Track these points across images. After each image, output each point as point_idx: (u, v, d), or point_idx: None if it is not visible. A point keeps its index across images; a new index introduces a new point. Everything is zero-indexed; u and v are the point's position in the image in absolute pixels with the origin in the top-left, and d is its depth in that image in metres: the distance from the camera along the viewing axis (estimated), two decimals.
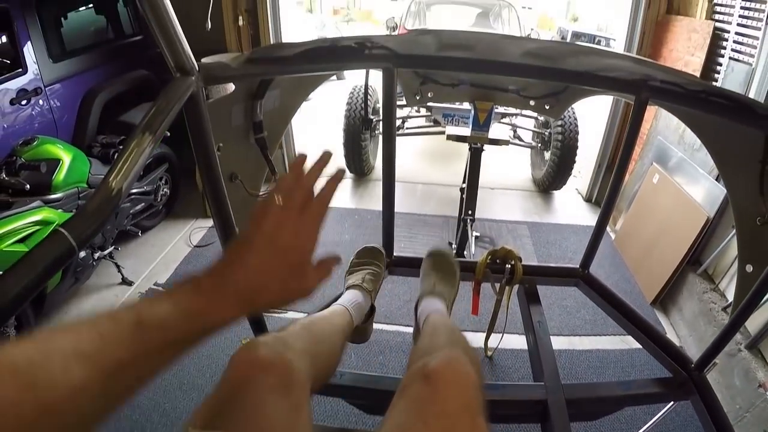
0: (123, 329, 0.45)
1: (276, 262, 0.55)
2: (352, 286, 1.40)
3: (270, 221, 0.56)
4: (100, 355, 0.42)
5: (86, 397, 0.41)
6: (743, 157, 1.30)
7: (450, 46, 1.28)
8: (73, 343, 0.42)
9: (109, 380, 0.43)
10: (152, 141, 0.76)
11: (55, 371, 0.39)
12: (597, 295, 1.70)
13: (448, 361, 0.75)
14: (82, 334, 0.43)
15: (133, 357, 0.45)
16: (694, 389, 1.43)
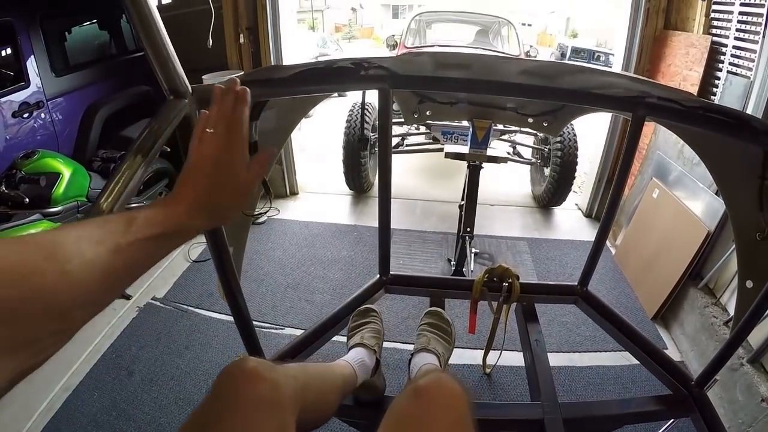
0: (119, 224, 0.55)
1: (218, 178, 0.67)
2: (355, 345, 1.40)
3: (206, 147, 0.68)
4: (103, 240, 0.51)
5: (95, 271, 0.49)
6: (742, 172, 1.30)
7: (446, 66, 1.28)
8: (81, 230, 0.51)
9: (111, 260, 0.51)
10: (144, 163, 0.76)
11: (71, 247, 0.48)
12: (596, 313, 1.69)
13: (437, 379, 0.76)
14: (86, 226, 0.53)
15: (128, 244, 0.54)
16: (694, 406, 1.42)
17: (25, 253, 0.44)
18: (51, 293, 0.44)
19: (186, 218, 0.62)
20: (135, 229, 0.55)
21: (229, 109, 0.70)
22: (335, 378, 1.16)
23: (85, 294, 0.48)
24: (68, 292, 0.45)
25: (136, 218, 0.56)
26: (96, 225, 0.54)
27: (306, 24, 25.61)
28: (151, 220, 0.57)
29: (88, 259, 0.48)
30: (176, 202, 0.63)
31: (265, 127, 1.17)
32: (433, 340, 1.45)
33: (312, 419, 0.93)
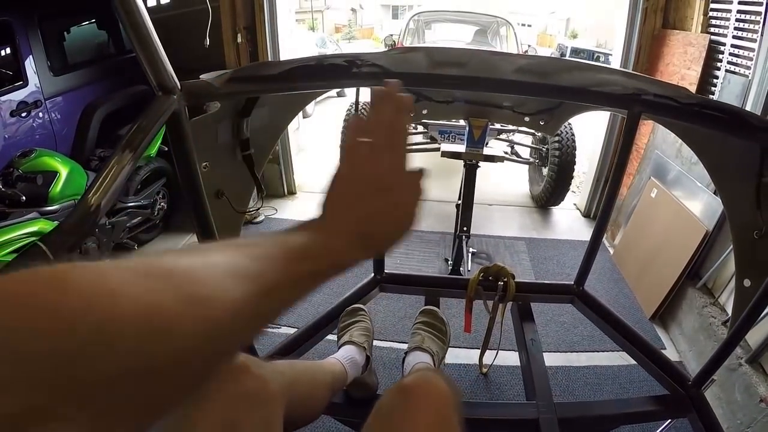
0: (273, 254, 0.45)
1: (383, 206, 0.55)
2: (344, 343, 1.40)
3: (365, 163, 0.55)
4: (257, 276, 0.41)
5: (242, 317, 0.39)
6: (739, 170, 1.29)
7: (441, 64, 1.27)
8: (228, 262, 0.40)
9: (263, 301, 0.41)
10: (132, 159, 0.75)
11: (215, 287, 0.37)
12: (592, 313, 1.68)
13: (423, 377, 0.76)
14: (235, 255, 0.42)
15: (284, 281, 0.44)
16: (691, 407, 1.41)
17: (160, 293, 0.32)
18: (188, 345, 0.33)
19: (346, 254, 0.52)
20: (294, 265, 0.46)
21: (390, 116, 0.58)
22: (324, 375, 1.15)
23: (226, 346, 0.39)
24: (209, 345, 0.35)
25: (292, 249, 0.47)
26: (247, 256, 0.43)
27: (306, 24, 25.63)
28: (310, 252, 0.48)
29: (236, 302, 0.38)
30: (334, 232, 0.52)
31: (256, 124, 1.16)
32: (427, 339, 1.44)
33: (301, 415, 0.93)
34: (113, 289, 0.30)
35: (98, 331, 0.27)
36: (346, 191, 0.55)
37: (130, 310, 0.29)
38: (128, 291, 0.30)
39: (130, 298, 0.30)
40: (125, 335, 0.29)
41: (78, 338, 0.27)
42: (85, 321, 0.27)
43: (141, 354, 0.29)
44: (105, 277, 0.31)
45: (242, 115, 1.10)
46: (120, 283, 0.31)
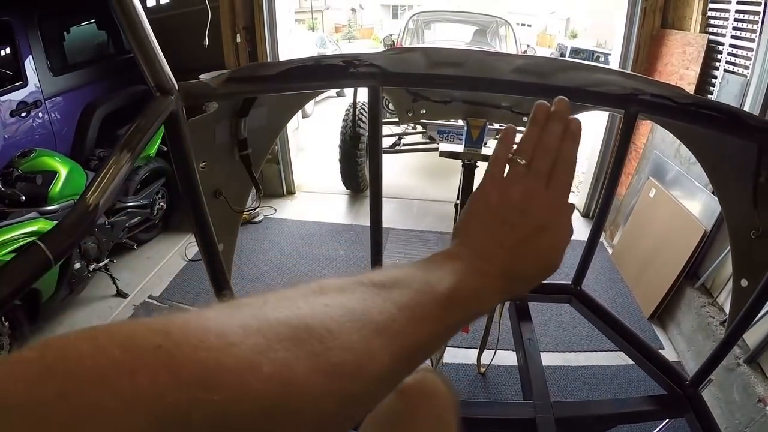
0: (423, 303, 0.36)
1: (533, 243, 0.46)
2: None
3: (518, 191, 0.47)
4: (404, 332, 0.33)
5: (388, 383, 0.33)
6: (736, 169, 1.29)
7: (438, 64, 1.28)
8: (365, 312, 0.32)
9: (409, 365, 0.35)
10: (130, 158, 0.76)
11: (361, 352, 0.30)
12: (590, 312, 1.68)
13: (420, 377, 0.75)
14: (378, 301, 0.33)
15: (431, 337, 0.36)
16: (689, 407, 1.41)
17: (294, 363, 0.26)
18: (324, 420, 0.28)
19: (489, 298, 0.43)
20: (445, 315, 0.37)
21: (555, 140, 0.49)
22: None
23: (364, 411, 0.33)
24: (345, 415, 0.30)
25: (442, 294, 0.38)
26: (390, 301, 0.34)
27: (305, 24, 25.63)
28: (460, 298, 0.39)
29: (383, 370, 0.31)
30: (482, 271, 0.43)
31: (254, 124, 1.16)
32: None
33: None
34: (244, 366, 0.25)
35: (222, 416, 0.23)
36: (490, 218, 0.47)
37: (259, 391, 0.25)
38: (258, 368, 0.25)
39: (258, 375, 0.25)
40: (252, 420, 0.24)
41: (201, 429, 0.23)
42: (210, 403, 0.23)
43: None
44: (223, 339, 0.25)
45: (240, 115, 1.10)
46: (251, 356, 0.25)
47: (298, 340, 0.27)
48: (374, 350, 0.30)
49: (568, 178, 0.48)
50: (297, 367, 0.26)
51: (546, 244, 0.47)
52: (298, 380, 0.26)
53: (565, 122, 0.49)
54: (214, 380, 0.23)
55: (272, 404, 0.25)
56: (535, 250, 0.46)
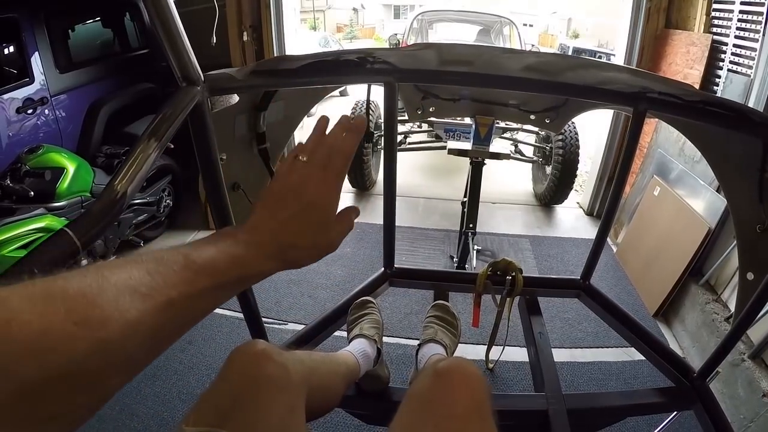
0: (173, 269, 0.45)
1: (303, 216, 0.56)
2: (355, 336, 1.41)
3: (296, 177, 0.57)
4: (153, 293, 0.42)
5: (137, 335, 0.40)
6: (742, 165, 1.31)
7: (450, 61, 1.30)
8: (125, 280, 0.41)
9: (160, 319, 0.42)
10: (158, 147, 0.77)
11: (108, 307, 0.38)
12: (598, 306, 1.70)
13: (458, 363, 0.76)
14: (132, 271, 0.42)
15: (183, 297, 0.44)
16: (696, 398, 1.43)
17: (53, 317, 0.35)
18: (82, 366, 0.36)
19: (254, 264, 0.53)
20: (193, 276, 0.46)
21: (334, 139, 0.61)
22: (339, 366, 1.16)
23: (124, 362, 0.40)
24: (103, 362, 0.37)
25: (194, 261, 0.47)
26: (144, 271, 0.43)
27: (308, 24, 25.65)
28: (214, 264, 0.49)
29: (130, 321, 0.39)
30: (244, 240, 0.53)
31: (272, 118, 1.18)
32: (440, 332, 1.46)
33: (318, 405, 0.94)
34: (9, 316, 0.34)
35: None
36: (271, 201, 0.57)
37: (24, 335, 0.34)
38: (22, 318, 0.34)
39: (23, 323, 0.34)
40: (19, 355, 0.33)
41: None
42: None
43: (35, 369, 0.34)
44: (3, 305, 0.35)
45: (259, 108, 1.12)
46: (17, 311, 0.35)
47: (61, 300, 0.37)
48: (123, 307, 0.39)
49: (342, 165, 0.60)
50: (54, 317, 0.35)
51: (316, 218, 0.57)
52: (54, 326, 0.35)
53: (347, 126, 0.61)
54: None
55: (34, 345, 0.34)
56: (307, 223, 0.57)
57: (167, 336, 0.45)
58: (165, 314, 0.42)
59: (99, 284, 0.39)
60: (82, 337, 0.36)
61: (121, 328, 0.38)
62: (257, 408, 0.70)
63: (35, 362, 0.33)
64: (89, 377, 0.37)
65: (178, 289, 0.44)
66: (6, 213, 2.34)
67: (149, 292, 0.41)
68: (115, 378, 0.40)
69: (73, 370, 0.35)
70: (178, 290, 0.44)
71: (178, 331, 0.46)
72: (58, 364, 0.34)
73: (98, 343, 0.37)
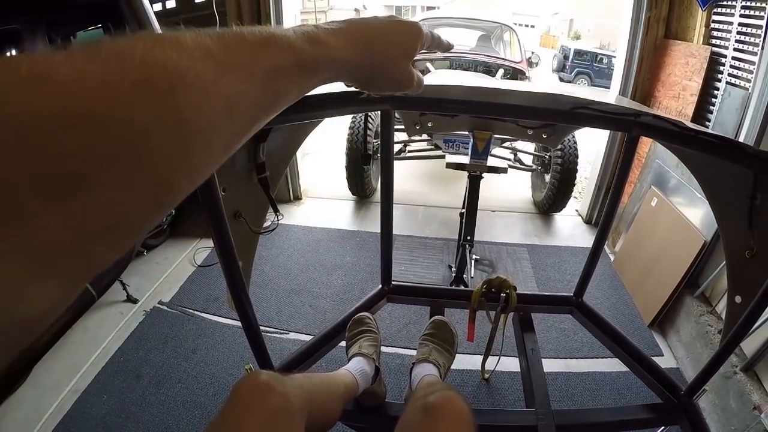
0: (253, 43, 0.37)
1: (386, 36, 0.52)
2: (354, 354, 1.45)
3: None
4: (230, 59, 0.34)
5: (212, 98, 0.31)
6: (733, 192, 1.34)
7: (447, 91, 1.33)
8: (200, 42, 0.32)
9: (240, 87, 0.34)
10: None
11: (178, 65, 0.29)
12: (590, 323, 1.74)
13: (446, 397, 0.81)
14: (206, 38, 0.33)
15: (263, 71, 0.37)
16: (683, 415, 1.47)
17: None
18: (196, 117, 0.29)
19: (336, 49, 0.45)
20: (274, 51, 0.38)
21: None
22: (337, 387, 1.21)
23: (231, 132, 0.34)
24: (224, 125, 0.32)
25: (275, 37, 0.39)
26: (216, 38, 0.34)
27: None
28: (297, 45, 0.41)
29: (243, 74, 0.34)
30: (328, 29, 0.46)
31: (271, 148, 1.22)
32: (434, 351, 1.50)
33: (317, 426, 0.99)
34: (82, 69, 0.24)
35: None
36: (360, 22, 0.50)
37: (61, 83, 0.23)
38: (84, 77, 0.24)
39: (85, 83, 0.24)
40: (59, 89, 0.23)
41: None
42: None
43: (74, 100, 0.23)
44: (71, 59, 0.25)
45: (258, 140, 1.16)
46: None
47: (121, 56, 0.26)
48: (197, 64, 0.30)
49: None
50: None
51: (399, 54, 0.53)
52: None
53: None
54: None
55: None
56: (388, 44, 0.51)
57: (249, 113, 0.37)
58: (244, 84, 0.35)
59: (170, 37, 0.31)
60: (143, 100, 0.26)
61: (190, 85, 0.29)
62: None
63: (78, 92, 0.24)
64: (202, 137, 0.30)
65: (260, 62, 0.37)
66: None
67: (227, 58, 0.33)
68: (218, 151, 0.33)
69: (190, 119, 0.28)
70: (259, 63, 0.37)
71: (258, 114, 0.38)
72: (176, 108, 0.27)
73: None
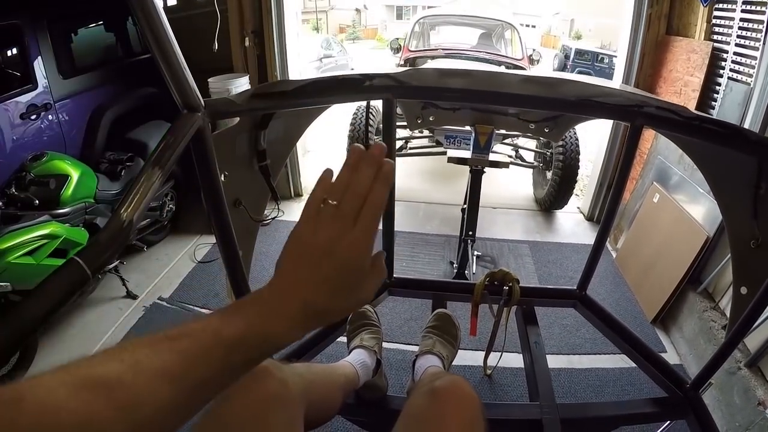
0: (205, 349, 0.46)
1: (337, 278, 0.52)
2: (355, 347, 1.44)
3: (325, 234, 0.52)
4: (186, 374, 0.44)
5: (171, 415, 0.44)
6: (737, 181, 1.33)
7: (449, 75, 1.32)
8: (158, 363, 0.43)
9: (193, 398, 0.45)
10: (161, 175, 0.80)
11: (144, 391, 0.42)
12: (594, 317, 1.72)
13: (453, 383, 0.79)
14: (165, 353, 0.44)
15: (215, 375, 0.47)
16: (689, 409, 1.45)
17: (94, 405, 0.39)
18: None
19: (287, 335, 0.51)
20: (225, 354, 0.47)
21: (366, 182, 0.53)
22: (338, 377, 1.20)
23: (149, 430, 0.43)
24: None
25: (225, 338, 0.47)
26: (174, 352, 0.44)
27: (310, 24, 25.68)
28: (244, 341, 0.48)
29: (164, 404, 0.42)
30: (276, 311, 0.51)
31: (272, 136, 1.21)
32: (438, 344, 1.48)
33: (317, 416, 0.97)
34: (58, 406, 0.37)
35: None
36: (300, 261, 0.52)
37: (71, 422, 0.37)
38: (69, 406, 0.38)
39: (70, 412, 0.37)
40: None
41: None
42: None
43: None
44: (52, 395, 0.38)
45: (260, 127, 1.15)
46: (64, 400, 0.38)
47: (101, 387, 0.40)
48: (155, 390, 0.42)
49: (374, 220, 0.53)
50: (96, 404, 0.39)
51: (351, 278, 0.53)
52: (97, 413, 0.39)
53: (378, 165, 0.53)
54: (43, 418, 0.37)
55: (81, 427, 0.37)
56: (341, 285, 0.52)
57: (197, 409, 0.48)
58: (197, 394, 0.46)
59: (135, 370, 0.42)
60: (121, 419, 0.40)
61: (155, 410, 0.42)
62: (258, 423, 0.73)
63: None
64: None
65: (212, 368, 0.46)
66: (11, 220, 2.36)
67: (182, 374, 0.44)
68: None
69: None
70: (211, 370, 0.46)
71: (206, 403, 0.49)
72: None
73: (135, 425, 0.41)
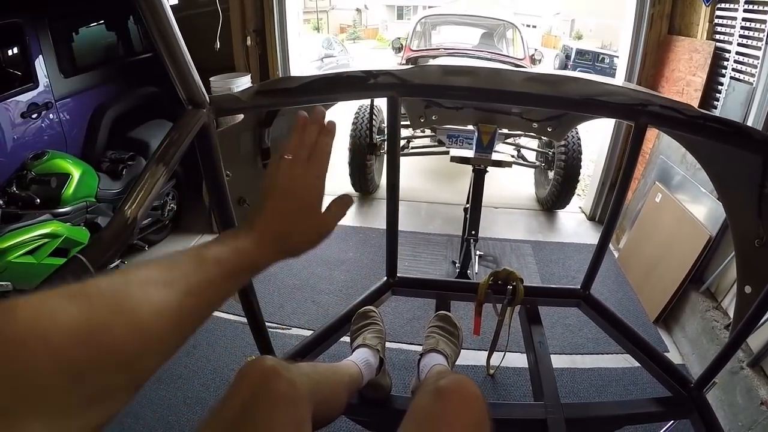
0: (186, 264, 0.52)
1: (294, 206, 0.64)
2: (358, 346, 1.44)
3: (283, 176, 0.65)
4: (172, 282, 0.49)
5: (164, 318, 0.46)
6: (741, 180, 1.32)
7: (453, 73, 1.31)
8: (147, 274, 0.48)
9: (182, 304, 0.49)
10: (166, 172, 0.80)
11: (136, 296, 0.45)
12: (598, 316, 1.72)
13: (459, 382, 0.79)
14: (152, 268, 0.49)
15: (198, 284, 0.51)
16: (693, 408, 1.44)
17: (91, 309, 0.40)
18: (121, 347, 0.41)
19: (257, 254, 0.60)
20: (204, 268, 0.53)
21: (312, 138, 0.67)
22: (343, 377, 1.19)
23: (156, 343, 0.45)
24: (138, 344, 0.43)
25: (205, 257, 0.54)
26: (163, 267, 0.51)
27: (311, 24, 25.69)
28: (220, 257, 0.56)
29: (157, 306, 0.46)
30: (245, 235, 0.61)
31: (276, 134, 1.20)
32: (441, 342, 1.48)
33: (323, 416, 0.97)
34: (54, 309, 0.38)
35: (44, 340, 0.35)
36: (265, 200, 0.64)
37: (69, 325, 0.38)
38: (65, 309, 0.38)
39: (66, 314, 0.38)
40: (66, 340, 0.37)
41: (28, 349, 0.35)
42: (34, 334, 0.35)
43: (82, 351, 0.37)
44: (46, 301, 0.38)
45: (264, 125, 1.14)
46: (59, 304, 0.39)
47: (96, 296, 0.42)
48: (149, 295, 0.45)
49: (321, 163, 0.67)
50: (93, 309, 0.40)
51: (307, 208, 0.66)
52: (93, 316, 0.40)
53: (320, 124, 0.69)
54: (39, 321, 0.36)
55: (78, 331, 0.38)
56: (299, 214, 0.65)
57: (192, 320, 0.51)
58: (185, 300, 0.49)
59: (125, 281, 0.46)
60: (118, 323, 0.41)
61: (149, 312, 0.44)
62: (267, 423, 0.73)
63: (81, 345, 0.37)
64: (128, 357, 0.42)
65: (193, 278, 0.51)
66: (12, 219, 2.36)
67: (168, 281, 0.48)
68: (150, 359, 0.45)
69: (114, 351, 0.40)
70: (193, 279, 0.51)
71: (200, 316, 0.53)
72: (100, 345, 0.39)
73: (132, 327, 0.42)
